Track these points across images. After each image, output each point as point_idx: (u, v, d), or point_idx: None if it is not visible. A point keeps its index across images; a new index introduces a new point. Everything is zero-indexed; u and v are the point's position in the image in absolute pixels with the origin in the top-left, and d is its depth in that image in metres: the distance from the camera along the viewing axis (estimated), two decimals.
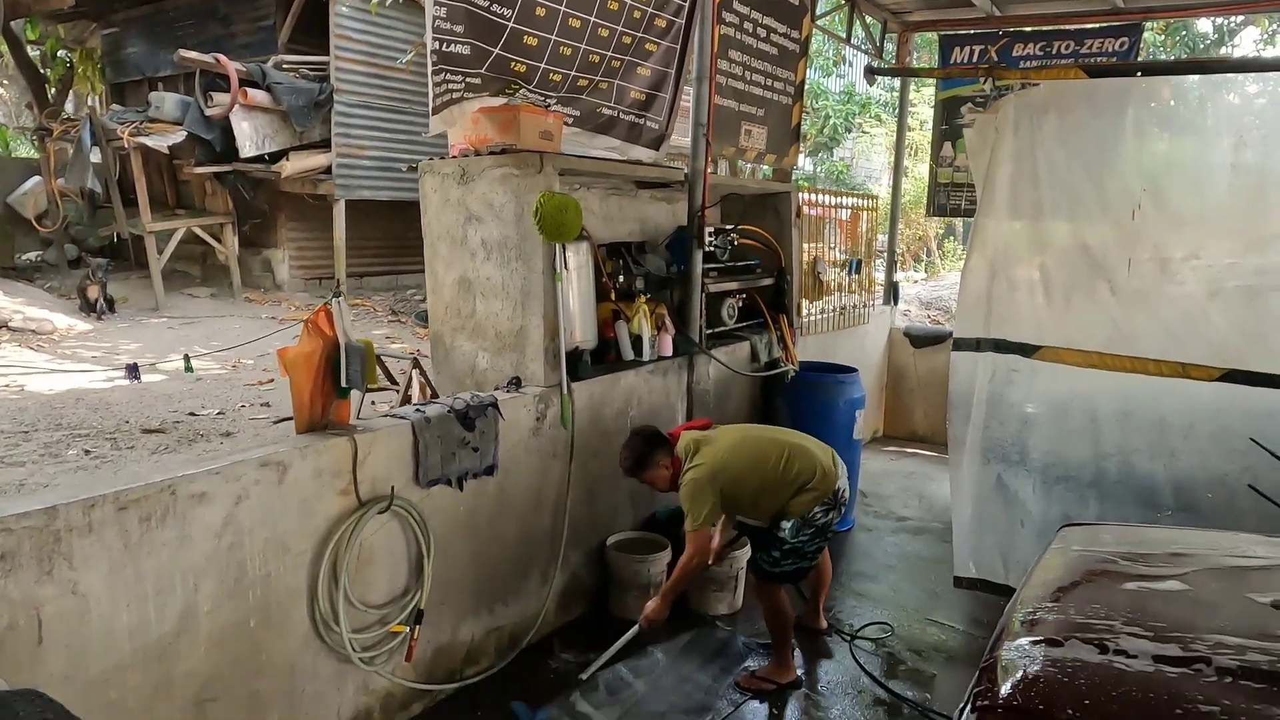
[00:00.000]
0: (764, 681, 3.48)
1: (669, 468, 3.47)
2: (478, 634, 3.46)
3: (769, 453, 3.39)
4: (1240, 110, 3.44)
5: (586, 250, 3.90)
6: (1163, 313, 3.49)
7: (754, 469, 3.35)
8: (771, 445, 3.44)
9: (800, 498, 3.33)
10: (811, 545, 3.42)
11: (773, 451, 3.39)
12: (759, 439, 3.52)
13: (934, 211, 7.49)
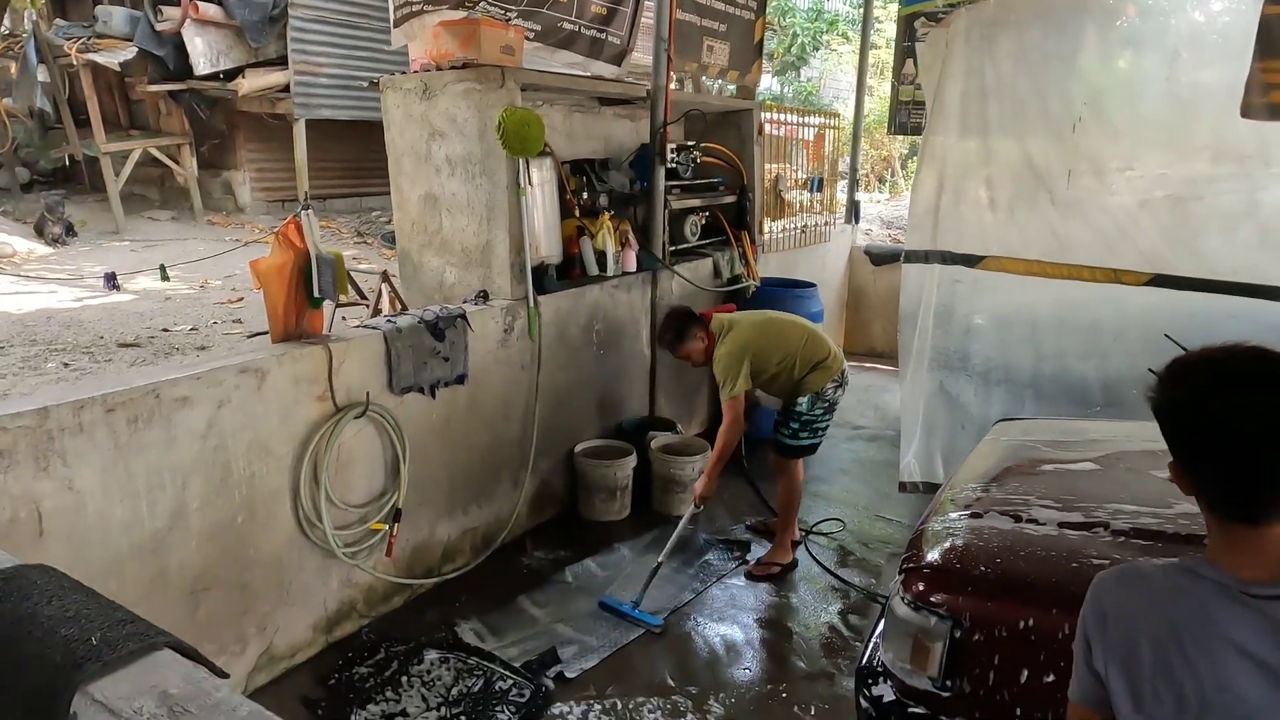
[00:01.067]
0: (770, 566, 3.79)
1: (704, 340, 3.75)
2: (454, 534, 3.67)
3: (791, 334, 3.70)
4: (1176, 27, 3.56)
5: (550, 166, 3.97)
6: (1098, 222, 3.68)
7: (778, 346, 3.65)
8: (793, 327, 3.76)
9: (815, 374, 3.63)
10: (823, 421, 3.76)
11: (794, 333, 3.71)
12: (782, 321, 3.82)
13: (895, 130, 7.58)
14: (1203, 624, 1.13)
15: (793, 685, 3.05)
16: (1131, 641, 1.19)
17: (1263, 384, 1.13)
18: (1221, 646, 1.11)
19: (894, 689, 2.13)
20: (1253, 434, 1.11)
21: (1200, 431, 1.17)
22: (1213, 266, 3.44)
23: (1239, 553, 1.14)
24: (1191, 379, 1.19)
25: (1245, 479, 1.13)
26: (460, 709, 2.83)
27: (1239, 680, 1.09)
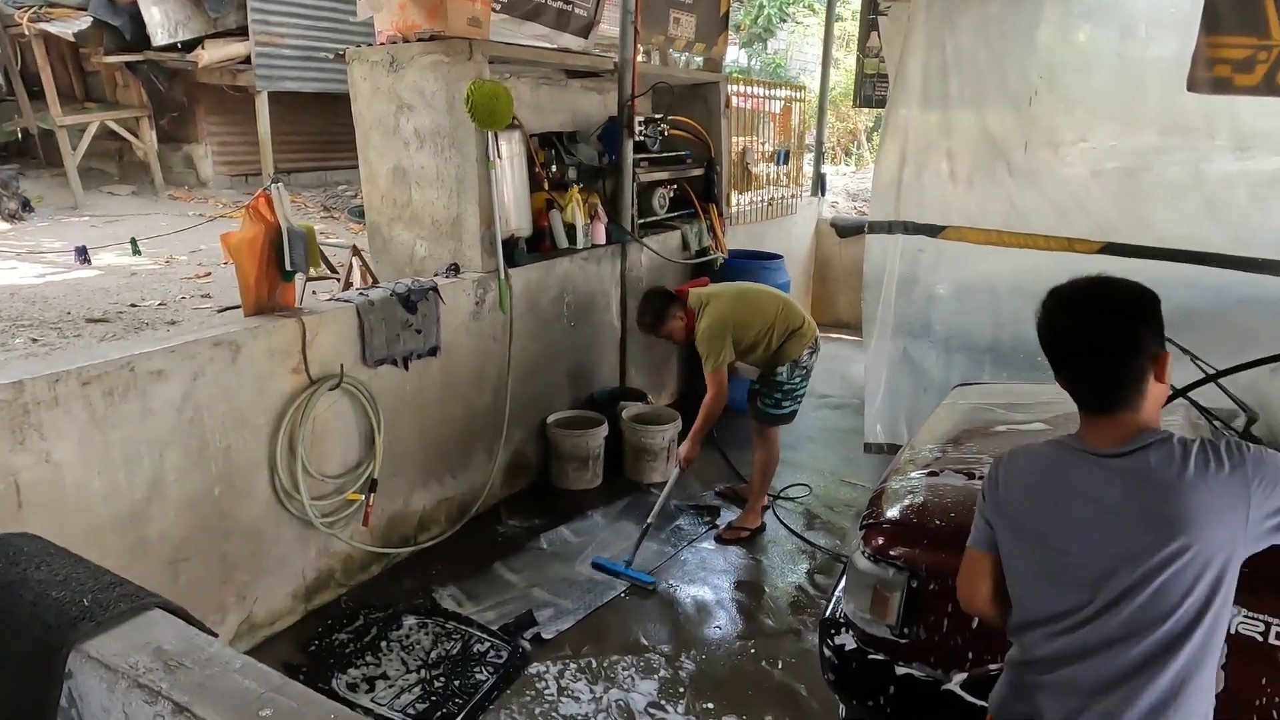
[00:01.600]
0: (739, 530, 3.90)
1: (683, 319, 3.81)
2: (429, 504, 3.73)
3: (766, 304, 3.78)
4: (1129, 3, 3.67)
5: (519, 139, 4.00)
6: (1053, 192, 3.81)
7: (755, 317, 3.72)
8: (768, 297, 3.83)
9: (791, 342, 3.74)
10: (801, 388, 3.88)
11: (769, 303, 3.78)
12: (757, 291, 3.89)
13: (861, 103, 7.67)
14: (1064, 480, 1.48)
15: (761, 641, 3.18)
16: (1014, 494, 1.55)
17: (1090, 308, 1.45)
18: (1075, 495, 1.45)
19: (855, 638, 2.25)
20: (1083, 347, 1.44)
21: (1053, 346, 1.49)
22: (1160, 235, 3.59)
23: (1095, 432, 1.47)
24: (1047, 305, 1.50)
25: (1090, 382, 1.46)
26: (440, 670, 2.91)
27: (1086, 517, 1.43)
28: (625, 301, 4.83)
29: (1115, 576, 1.39)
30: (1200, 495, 1.34)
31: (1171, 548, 1.34)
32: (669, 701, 2.82)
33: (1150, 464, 1.39)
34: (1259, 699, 1.72)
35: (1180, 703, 1.37)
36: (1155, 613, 1.36)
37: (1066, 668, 1.45)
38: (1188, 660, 1.36)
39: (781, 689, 2.91)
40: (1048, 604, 1.48)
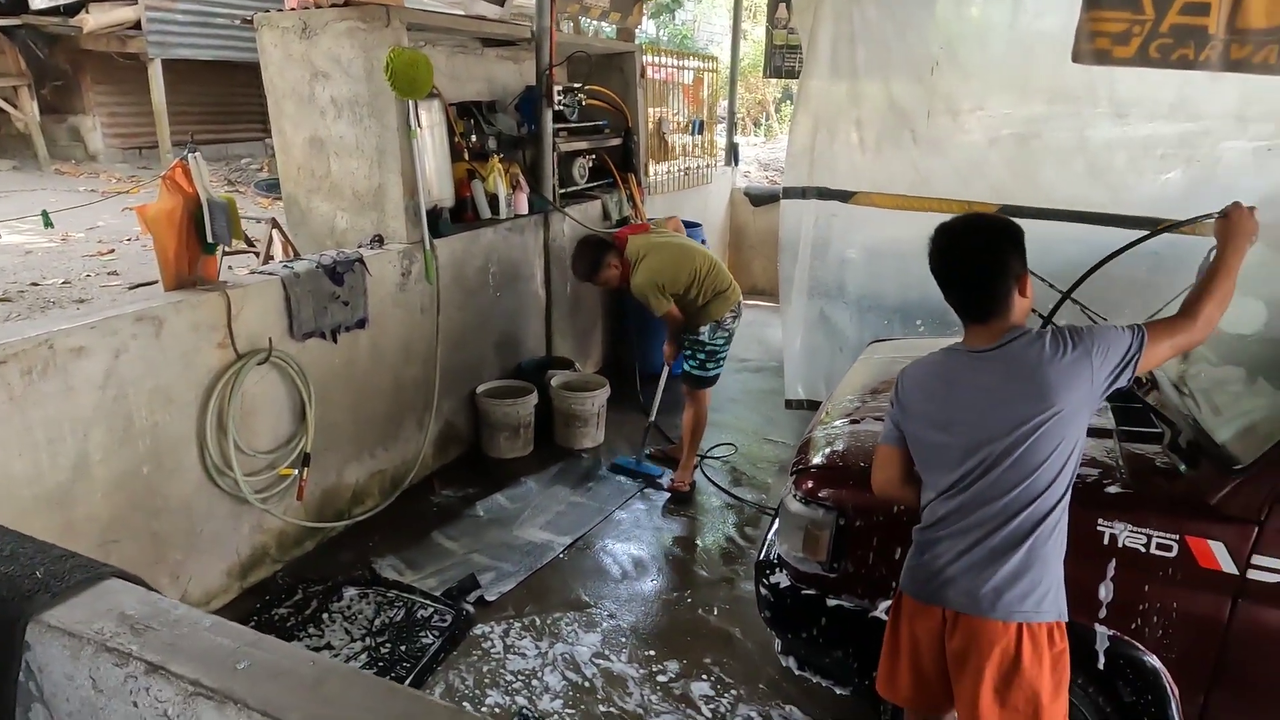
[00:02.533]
0: (680, 484, 4.07)
1: (618, 268, 3.90)
2: (362, 477, 3.72)
3: (698, 261, 3.87)
4: None
5: (439, 108, 3.97)
6: (954, 158, 4.04)
7: (685, 271, 3.82)
8: (700, 255, 3.93)
9: (715, 303, 3.85)
10: (723, 350, 4.00)
11: (700, 261, 3.88)
12: (691, 248, 3.98)
13: (770, 74, 7.82)
14: (952, 376, 1.80)
15: (696, 591, 3.33)
16: (914, 396, 1.86)
17: (966, 237, 1.78)
18: (962, 386, 1.77)
19: (789, 576, 2.40)
20: (963, 268, 1.76)
21: (941, 271, 1.79)
22: (1050, 196, 3.87)
23: (974, 337, 1.79)
24: (935, 239, 1.80)
25: (969, 296, 1.77)
26: (385, 638, 2.94)
27: (972, 401, 1.75)
28: (549, 271, 4.87)
29: (994, 443, 1.70)
30: (1056, 369, 1.66)
31: (1041, 414, 1.66)
32: (612, 651, 2.94)
33: (1017, 352, 1.71)
34: (1142, 604, 1.94)
35: (1046, 530, 1.69)
36: (1026, 468, 1.67)
37: (959, 521, 1.76)
38: (1046, 501, 1.69)
39: (718, 633, 3.07)
40: (947, 476, 1.79)
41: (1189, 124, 3.71)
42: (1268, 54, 3.43)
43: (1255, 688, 1.89)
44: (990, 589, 1.70)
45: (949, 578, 1.76)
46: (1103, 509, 1.94)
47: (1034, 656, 1.69)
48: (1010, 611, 1.69)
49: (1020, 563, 1.69)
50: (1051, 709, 1.70)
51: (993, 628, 1.70)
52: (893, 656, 1.91)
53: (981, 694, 1.70)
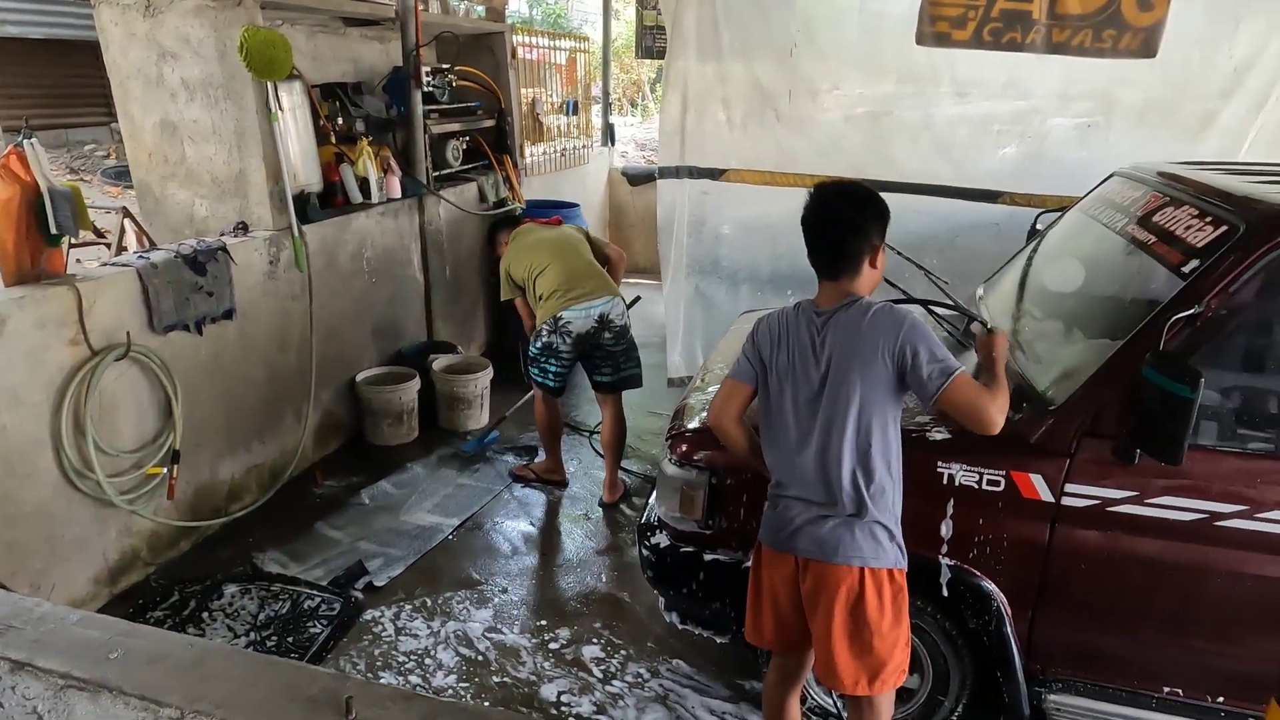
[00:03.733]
0: (529, 472, 4.04)
1: (504, 248, 3.98)
2: (238, 472, 3.61)
3: (540, 260, 3.72)
4: None
5: (300, 90, 3.86)
6: (815, 135, 4.26)
7: (524, 266, 3.74)
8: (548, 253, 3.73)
9: (550, 302, 3.65)
10: (569, 355, 3.70)
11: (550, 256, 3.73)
12: (557, 245, 3.78)
13: (642, 54, 7.92)
14: (796, 331, 1.95)
15: (586, 561, 3.42)
16: (765, 343, 2.01)
17: (833, 197, 1.94)
18: (800, 338, 1.94)
19: (668, 536, 2.53)
20: (823, 225, 1.93)
21: (807, 227, 1.96)
22: (902, 171, 4.14)
23: (823, 295, 1.97)
24: (809, 197, 1.97)
25: (823, 252, 1.94)
26: (270, 631, 2.90)
27: (805, 351, 1.92)
28: (426, 255, 4.82)
29: (826, 402, 1.88)
30: (871, 341, 1.83)
31: (861, 379, 1.84)
32: (504, 625, 3.00)
33: (847, 318, 1.87)
34: (977, 535, 2.17)
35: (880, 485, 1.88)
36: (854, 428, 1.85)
37: (803, 476, 1.93)
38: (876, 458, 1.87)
39: (608, 599, 3.17)
40: (791, 432, 1.94)
41: (1020, 102, 4.05)
42: (1084, 37, 3.78)
43: (1071, 600, 2.15)
44: (833, 538, 1.87)
45: (797, 528, 1.93)
46: (941, 452, 2.15)
47: (875, 596, 1.87)
48: (850, 557, 1.86)
49: (858, 515, 1.87)
50: (893, 634, 1.90)
51: (838, 571, 1.87)
52: (756, 604, 2.07)
53: (833, 629, 1.88)
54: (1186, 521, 2.01)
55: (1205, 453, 1.98)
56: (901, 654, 1.93)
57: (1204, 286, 1.95)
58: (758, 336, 2.03)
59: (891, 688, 1.94)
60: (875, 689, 1.91)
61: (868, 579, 1.87)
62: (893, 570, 1.90)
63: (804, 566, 1.93)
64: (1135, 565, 2.07)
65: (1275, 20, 3.64)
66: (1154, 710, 2.19)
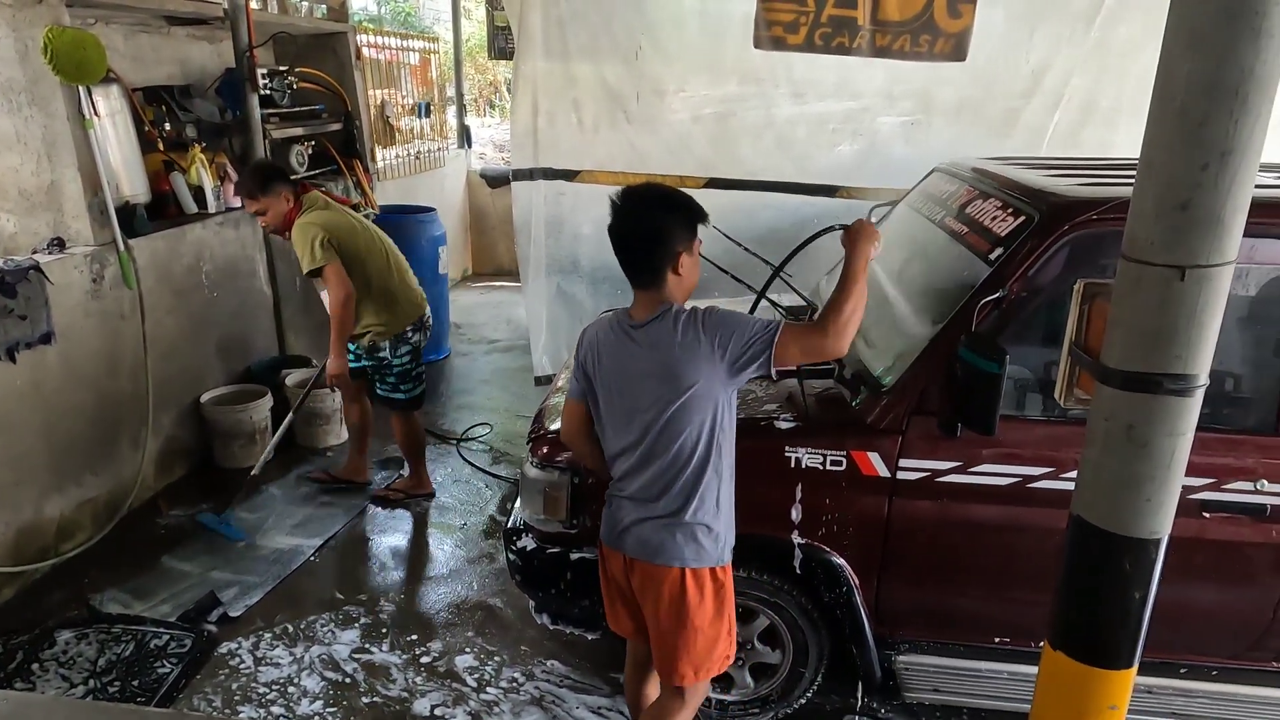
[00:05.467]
0: (396, 492, 3.87)
1: (290, 203, 3.38)
2: (67, 508, 3.33)
3: (383, 250, 3.52)
4: None
5: (119, 94, 3.60)
6: (664, 136, 4.35)
7: (369, 254, 3.44)
8: (389, 247, 3.58)
9: (393, 312, 3.50)
10: (416, 367, 3.65)
11: (388, 251, 3.55)
12: (379, 237, 3.58)
13: (495, 55, 7.85)
14: (615, 344, 1.92)
15: (458, 570, 3.38)
16: (588, 356, 1.98)
17: (633, 203, 1.87)
18: (619, 354, 1.91)
19: (534, 539, 2.54)
20: (626, 233, 1.87)
21: (612, 235, 1.89)
22: (748, 168, 4.31)
23: (637, 306, 1.93)
24: (612, 204, 1.88)
25: (630, 262, 1.89)
26: (112, 676, 2.70)
27: (622, 364, 1.90)
28: (273, 266, 4.61)
29: (645, 414, 1.87)
30: (680, 352, 1.81)
31: (674, 392, 1.82)
32: (373, 643, 2.92)
33: (656, 331, 1.85)
34: (824, 514, 2.30)
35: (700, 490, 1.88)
36: (672, 438, 1.85)
37: (632, 479, 1.94)
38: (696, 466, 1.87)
39: (480, 607, 3.15)
40: (618, 438, 1.95)
41: (851, 102, 4.29)
42: (903, 42, 4.06)
43: (911, 566, 2.32)
44: (656, 540, 1.91)
45: (625, 528, 1.96)
46: (786, 438, 2.26)
47: (697, 594, 1.92)
48: (671, 559, 1.90)
49: (678, 518, 1.89)
50: (714, 629, 1.96)
51: (659, 571, 1.92)
52: (609, 597, 2.12)
53: (660, 625, 1.95)
54: (1004, 486, 2.21)
55: (1016, 422, 2.18)
56: (724, 645, 2.00)
57: (1007, 272, 2.15)
58: (581, 351, 2.02)
59: (714, 674, 2.02)
60: (700, 677, 1.99)
61: (689, 579, 1.91)
62: (714, 569, 1.94)
63: (631, 564, 1.97)
64: (963, 529, 2.26)
65: (1064, 29, 4.03)
66: (989, 660, 2.40)
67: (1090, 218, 2.10)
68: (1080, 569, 1.39)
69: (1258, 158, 1.08)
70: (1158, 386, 1.21)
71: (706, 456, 1.87)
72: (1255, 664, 2.33)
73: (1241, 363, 2.24)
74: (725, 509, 1.95)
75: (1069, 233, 2.12)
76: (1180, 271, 1.13)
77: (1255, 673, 2.33)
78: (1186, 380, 1.20)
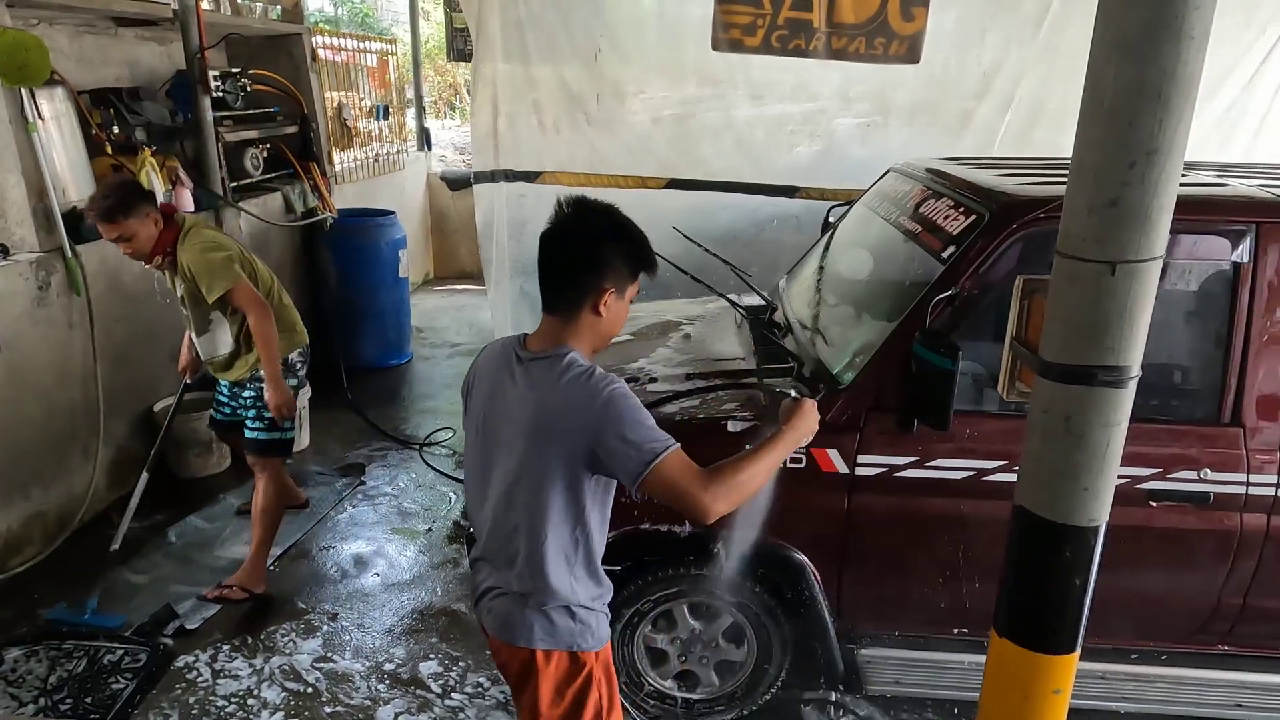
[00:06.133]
0: (233, 590, 3.05)
1: (158, 226, 2.87)
2: (14, 523, 3.25)
3: (268, 274, 3.18)
4: None
5: (64, 97, 3.53)
6: (624, 137, 4.37)
7: (258, 279, 3.07)
8: (270, 275, 3.19)
9: (297, 327, 3.22)
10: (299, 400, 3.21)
11: (271, 275, 3.19)
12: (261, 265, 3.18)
13: (454, 57, 7.80)
14: (500, 373, 1.65)
15: (421, 576, 3.35)
16: (474, 379, 1.72)
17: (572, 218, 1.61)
18: (498, 380, 1.64)
19: None
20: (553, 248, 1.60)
21: (542, 245, 1.61)
22: (708, 169, 4.34)
23: (538, 334, 1.64)
24: (555, 210, 1.63)
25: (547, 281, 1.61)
26: (64, 694, 2.63)
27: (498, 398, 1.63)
28: None
29: (506, 462, 1.60)
30: (562, 410, 1.52)
31: (536, 446, 1.55)
32: (335, 652, 2.88)
33: (542, 372, 1.56)
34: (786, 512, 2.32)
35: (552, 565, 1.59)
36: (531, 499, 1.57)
37: (489, 539, 1.69)
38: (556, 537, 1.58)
39: (444, 612, 3.12)
40: (478, 486, 1.69)
41: (809, 104, 4.34)
42: (859, 44, 4.11)
43: (871, 561, 2.35)
44: (506, 614, 1.65)
45: (481, 595, 1.72)
46: (748, 437, 2.28)
47: (550, 683, 1.65)
48: (515, 637, 1.64)
49: (528, 592, 1.61)
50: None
51: (510, 650, 1.67)
52: None
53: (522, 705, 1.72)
54: (960, 479, 2.25)
55: (970, 417, 2.22)
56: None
57: (959, 269, 2.19)
58: (475, 370, 1.75)
59: None
60: None
61: (539, 661, 1.64)
62: (575, 653, 1.65)
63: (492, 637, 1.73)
64: (921, 523, 2.29)
65: (1013, 32, 4.13)
66: (949, 651, 2.44)
67: (1038, 216, 2.15)
68: (1023, 558, 1.43)
69: (1181, 156, 1.12)
70: (1092, 378, 1.24)
71: (569, 530, 1.59)
72: (1202, 647, 2.40)
73: (1186, 356, 2.31)
74: (600, 582, 1.68)
75: (1018, 231, 2.16)
76: (1111, 267, 1.17)
77: (1202, 656, 2.40)
78: (1119, 372, 1.24)
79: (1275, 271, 2.15)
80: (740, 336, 3.01)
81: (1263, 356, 2.17)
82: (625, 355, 2.98)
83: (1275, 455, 2.18)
